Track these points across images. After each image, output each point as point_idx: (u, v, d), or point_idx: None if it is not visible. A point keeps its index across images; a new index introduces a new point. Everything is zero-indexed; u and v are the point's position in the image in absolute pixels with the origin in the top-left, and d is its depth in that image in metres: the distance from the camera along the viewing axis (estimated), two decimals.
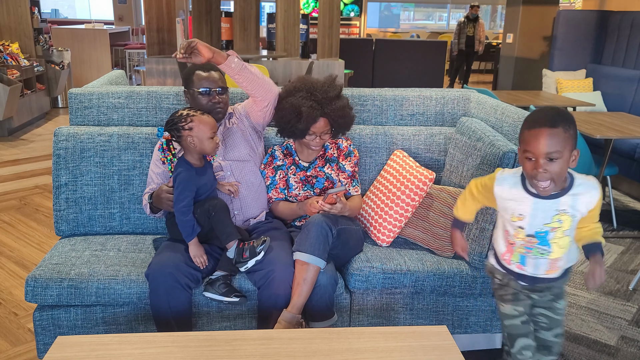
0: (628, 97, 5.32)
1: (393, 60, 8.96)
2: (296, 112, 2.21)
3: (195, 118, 2.05)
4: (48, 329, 2.10)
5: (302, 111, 2.20)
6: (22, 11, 6.83)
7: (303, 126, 2.22)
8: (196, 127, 2.04)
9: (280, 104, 2.29)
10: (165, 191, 2.10)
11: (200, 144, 2.05)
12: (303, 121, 2.20)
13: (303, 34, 6.48)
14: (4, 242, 3.48)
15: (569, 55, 5.97)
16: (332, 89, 2.28)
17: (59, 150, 2.40)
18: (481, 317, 2.30)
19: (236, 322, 2.15)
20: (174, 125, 2.05)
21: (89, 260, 2.16)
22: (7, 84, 5.85)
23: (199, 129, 2.04)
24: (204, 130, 2.05)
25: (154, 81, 6.04)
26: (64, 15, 14.92)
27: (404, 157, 2.47)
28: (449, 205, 2.28)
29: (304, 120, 2.20)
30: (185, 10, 7.12)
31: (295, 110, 2.21)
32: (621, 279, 3.19)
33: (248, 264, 2.04)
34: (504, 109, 2.44)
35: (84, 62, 9.11)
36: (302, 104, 2.21)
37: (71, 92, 2.49)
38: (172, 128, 2.06)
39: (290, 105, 2.23)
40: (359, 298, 2.22)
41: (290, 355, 1.55)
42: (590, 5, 6.95)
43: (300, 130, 2.24)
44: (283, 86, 2.37)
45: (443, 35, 14.33)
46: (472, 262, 2.22)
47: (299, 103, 2.21)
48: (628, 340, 2.59)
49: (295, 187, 2.36)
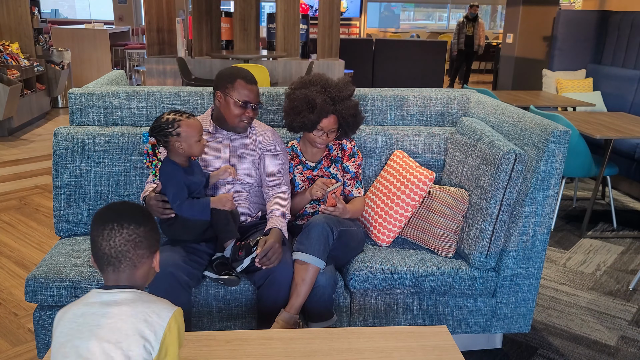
0: (628, 97, 5.32)
1: (393, 60, 8.96)
2: (310, 103, 2.22)
3: (182, 123, 2.00)
4: (48, 329, 2.10)
5: (316, 103, 2.21)
6: (22, 11, 6.83)
7: (315, 118, 2.22)
8: (183, 132, 2.00)
9: (294, 94, 2.29)
10: (153, 198, 2.06)
11: (189, 148, 2.03)
12: (316, 113, 2.21)
13: (303, 34, 6.48)
14: (4, 242, 3.48)
15: (569, 55, 5.97)
16: (346, 89, 2.30)
17: (59, 150, 2.40)
18: (481, 317, 2.30)
19: (236, 322, 2.15)
20: (160, 130, 2.01)
21: (89, 260, 2.16)
22: (7, 84, 5.85)
23: (186, 134, 2.00)
24: (192, 134, 2.01)
25: (154, 81, 6.05)
26: (64, 15, 14.92)
27: (404, 157, 2.47)
28: (449, 205, 2.28)
29: (317, 112, 2.21)
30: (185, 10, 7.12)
31: (309, 101, 2.23)
32: (621, 279, 3.19)
33: (244, 263, 2.03)
34: (504, 109, 2.44)
35: (84, 62, 9.11)
36: (316, 97, 2.23)
37: (71, 92, 2.49)
38: (158, 134, 2.02)
39: (304, 96, 2.24)
40: (359, 298, 2.22)
41: (290, 355, 1.55)
42: (590, 5, 6.95)
43: (311, 121, 2.23)
44: (297, 78, 2.38)
45: (443, 35, 14.33)
46: (472, 262, 2.22)
47: (313, 95, 2.23)
48: (628, 340, 2.59)
49: (302, 186, 2.36)
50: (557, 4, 6.52)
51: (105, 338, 1.15)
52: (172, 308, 1.24)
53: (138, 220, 1.27)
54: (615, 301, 2.94)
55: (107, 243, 1.23)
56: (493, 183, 2.13)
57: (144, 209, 1.32)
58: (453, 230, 2.27)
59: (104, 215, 1.26)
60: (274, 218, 2.14)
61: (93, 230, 1.26)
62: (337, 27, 6.45)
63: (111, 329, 1.16)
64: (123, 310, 1.19)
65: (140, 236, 1.26)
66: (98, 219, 1.26)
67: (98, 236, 1.24)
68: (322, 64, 6.21)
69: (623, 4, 6.24)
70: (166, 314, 1.21)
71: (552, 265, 3.33)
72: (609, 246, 3.64)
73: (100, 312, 1.19)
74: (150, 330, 1.18)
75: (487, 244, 2.17)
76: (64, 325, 1.20)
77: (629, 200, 4.62)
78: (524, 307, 2.32)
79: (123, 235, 1.24)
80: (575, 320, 2.74)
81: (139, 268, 1.27)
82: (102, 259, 1.25)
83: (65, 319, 1.20)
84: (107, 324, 1.17)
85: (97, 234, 1.25)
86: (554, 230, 3.87)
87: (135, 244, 1.25)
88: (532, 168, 2.15)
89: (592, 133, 3.58)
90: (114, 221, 1.24)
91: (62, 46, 8.60)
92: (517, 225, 2.19)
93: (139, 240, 1.26)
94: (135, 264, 1.26)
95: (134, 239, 1.25)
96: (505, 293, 2.28)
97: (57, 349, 1.18)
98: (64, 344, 1.17)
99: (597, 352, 2.49)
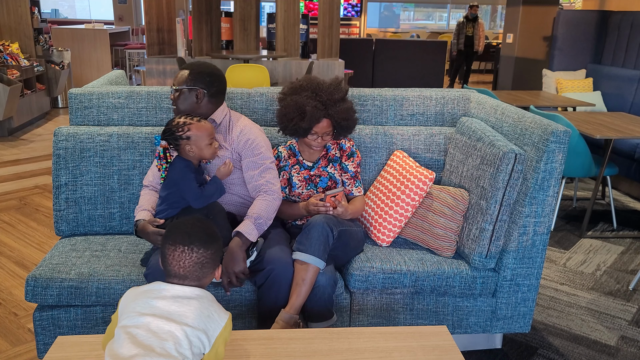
0: (628, 97, 5.32)
1: (393, 60, 8.96)
2: (300, 110, 2.22)
3: (192, 126, 2.02)
4: (48, 329, 2.10)
5: (306, 110, 2.20)
6: (22, 11, 6.83)
7: (306, 125, 2.22)
8: (194, 135, 2.02)
9: (284, 101, 2.29)
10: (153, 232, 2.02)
11: (199, 151, 2.04)
12: (306, 120, 2.20)
13: (303, 34, 6.48)
14: (4, 242, 3.48)
15: (569, 55, 5.96)
16: (338, 92, 2.28)
17: (58, 150, 2.40)
18: (481, 317, 2.30)
19: (236, 322, 2.15)
20: (171, 134, 2.03)
21: (89, 260, 2.16)
22: (7, 84, 5.85)
23: (196, 137, 2.02)
24: (202, 137, 2.03)
25: (154, 81, 6.04)
26: (64, 15, 14.92)
27: (404, 157, 2.47)
28: (449, 205, 2.28)
29: (307, 119, 2.20)
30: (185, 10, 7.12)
31: (299, 108, 2.22)
32: (621, 279, 3.19)
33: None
34: (504, 109, 2.44)
35: (84, 62, 9.11)
36: (306, 103, 2.21)
37: (71, 92, 2.49)
38: (169, 137, 2.04)
39: (295, 103, 2.23)
40: (359, 298, 2.22)
41: (290, 355, 1.55)
42: (590, 5, 6.95)
43: (303, 129, 2.23)
44: (289, 83, 2.36)
45: (443, 35, 14.33)
46: (472, 262, 2.22)
47: (304, 102, 2.22)
48: (628, 340, 2.59)
49: (299, 186, 2.36)
50: (557, 4, 6.52)
51: (175, 320, 1.27)
52: (227, 312, 1.38)
53: (207, 243, 1.37)
54: (615, 301, 2.94)
55: (177, 263, 1.35)
56: (493, 183, 2.13)
57: (212, 229, 1.42)
58: (453, 230, 2.27)
59: (176, 235, 1.37)
60: (242, 223, 2.09)
61: (163, 247, 1.37)
62: (337, 27, 6.44)
63: (180, 315, 1.28)
64: (192, 303, 1.31)
65: (208, 258, 1.37)
66: (170, 238, 1.37)
67: (169, 255, 1.36)
68: (322, 64, 6.21)
69: (623, 4, 6.24)
70: (224, 315, 1.36)
71: (552, 265, 3.33)
72: (609, 246, 3.64)
73: (171, 301, 1.31)
74: (210, 326, 1.31)
75: (487, 244, 2.17)
76: (136, 304, 1.31)
77: (629, 200, 4.62)
78: (524, 307, 2.32)
79: (192, 258, 1.35)
80: (575, 320, 2.74)
81: (202, 280, 1.39)
82: (170, 273, 1.37)
83: (136, 300, 1.32)
84: (177, 312, 1.29)
85: (167, 253, 1.36)
86: (554, 230, 3.87)
87: (202, 265, 1.36)
88: (532, 168, 2.15)
89: (592, 133, 3.58)
90: (185, 244, 1.35)
91: (62, 46, 8.60)
92: (517, 225, 2.19)
93: (206, 262, 1.37)
94: (199, 279, 1.38)
95: (201, 261, 1.36)
96: (505, 293, 2.28)
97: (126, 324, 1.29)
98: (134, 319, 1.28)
99: (597, 352, 2.49)
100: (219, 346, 1.32)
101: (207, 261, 1.37)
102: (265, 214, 2.12)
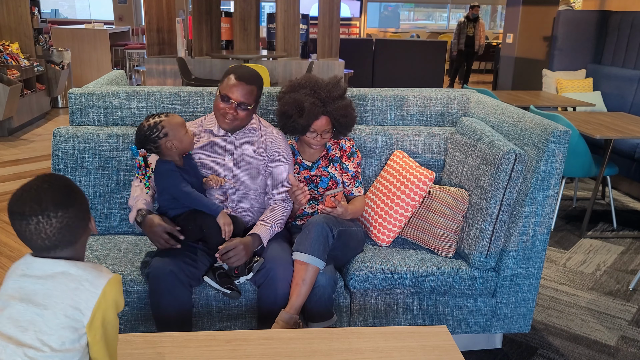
0: (628, 97, 5.32)
1: (393, 60, 8.96)
2: (298, 107, 2.22)
3: (164, 122, 2.02)
4: None
5: (304, 107, 2.21)
6: (22, 11, 6.83)
7: (304, 122, 2.22)
8: (170, 130, 2.02)
9: (284, 98, 2.30)
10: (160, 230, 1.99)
11: (180, 143, 2.05)
12: (305, 117, 2.21)
13: (303, 34, 6.48)
14: (4, 242, 3.48)
15: (569, 55, 5.96)
16: (336, 89, 2.29)
17: (58, 150, 2.40)
18: (481, 317, 2.30)
19: (236, 322, 2.15)
20: (148, 139, 2.01)
21: (90, 260, 2.16)
22: (7, 84, 5.85)
23: (173, 130, 2.02)
24: (178, 128, 2.03)
25: (154, 81, 6.05)
26: (64, 15, 14.93)
27: (404, 157, 2.47)
28: (449, 205, 2.28)
29: (306, 115, 2.21)
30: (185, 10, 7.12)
31: (298, 105, 2.22)
32: (621, 279, 3.19)
33: (240, 280, 2.07)
34: (504, 109, 2.44)
35: (84, 62, 9.11)
36: (304, 100, 2.22)
37: (71, 92, 2.49)
38: (147, 142, 2.02)
39: (293, 100, 2.24)
40: (359, 298, 2.22)
41: (290, 355, 1.55)
42: (590, 5, 6.95)
43: (302, 126, 2.24)
44: (288, 81, 2.38)
45: (443, 35, 14.33)
46: (472, 262, 2.22)
47: (302, 99, 2.23)
48: (628, 340, 2.59)
49: None
50: (557, 4, 6.53)
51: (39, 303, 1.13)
52: (108, 275, 1.19)
53: (63, 201, 1.16)
54: (615, 301, 2.94)
55: (39, 236, 1.14)
56: (493, 183, 2.13)
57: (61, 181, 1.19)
58: (453, 230, 2.27)
59: (23, 206, 1.13)
60: (258, 225, 2.12)
61: (14, 224, 1.15)
62: (337, 27, 6.45)
63: (44, 295, 1.13)
64: (57, 278, 1.15)
65: (72, 217, 1.16)
66: (16, 213, 1.14)
67: (24, 232, 1.14)
68: (322, 64, 6.21)
69: (623, 4, 6.24)
70: (102, 280, 1.17)
71: (552, 265, 3.33)
72: (609, 246, 3.64)
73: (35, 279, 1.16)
74: (81, 297, 1.15)
75: (487, 244, 2.17)
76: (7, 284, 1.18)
77: (629, 200, 4.62)
78: (524, 307, 2.32)
79: (53, 225, 1.14)
80: (575, 320, 2.74)
81: (77, 242, 1.20)
82: (35, 247, 1.17)
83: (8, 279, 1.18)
84: (41, 291, 1.14)
85: (21, 230, 1.15)
86: (554, 230, 3.87)
87: (69, 227, 1.16)
88: (532, 168, 2.15)
89: (592, 133, 3.58)
90: (37, 214, 1.13)
91: (62, 46, 8.60)
92: (517, 225, 2.19)
93: (72, 222, 1.16)
94: (72, 242, 1.19)
95: (66, 224, 1.15)
96: (505, 293, 2.28)
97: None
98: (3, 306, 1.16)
99: (597, 352, 2.49)
100: (106, 313, 1.17)
101: (72, 221, 1.16)
102: (281, 222, 2.19)
